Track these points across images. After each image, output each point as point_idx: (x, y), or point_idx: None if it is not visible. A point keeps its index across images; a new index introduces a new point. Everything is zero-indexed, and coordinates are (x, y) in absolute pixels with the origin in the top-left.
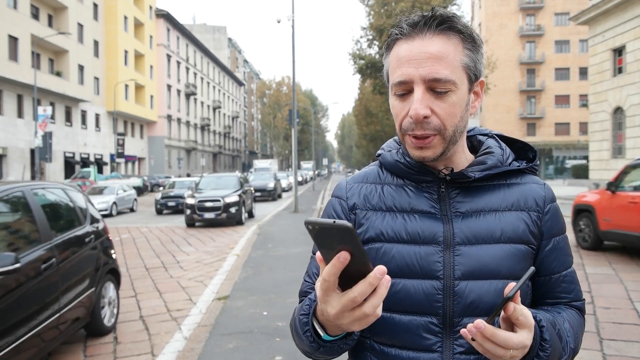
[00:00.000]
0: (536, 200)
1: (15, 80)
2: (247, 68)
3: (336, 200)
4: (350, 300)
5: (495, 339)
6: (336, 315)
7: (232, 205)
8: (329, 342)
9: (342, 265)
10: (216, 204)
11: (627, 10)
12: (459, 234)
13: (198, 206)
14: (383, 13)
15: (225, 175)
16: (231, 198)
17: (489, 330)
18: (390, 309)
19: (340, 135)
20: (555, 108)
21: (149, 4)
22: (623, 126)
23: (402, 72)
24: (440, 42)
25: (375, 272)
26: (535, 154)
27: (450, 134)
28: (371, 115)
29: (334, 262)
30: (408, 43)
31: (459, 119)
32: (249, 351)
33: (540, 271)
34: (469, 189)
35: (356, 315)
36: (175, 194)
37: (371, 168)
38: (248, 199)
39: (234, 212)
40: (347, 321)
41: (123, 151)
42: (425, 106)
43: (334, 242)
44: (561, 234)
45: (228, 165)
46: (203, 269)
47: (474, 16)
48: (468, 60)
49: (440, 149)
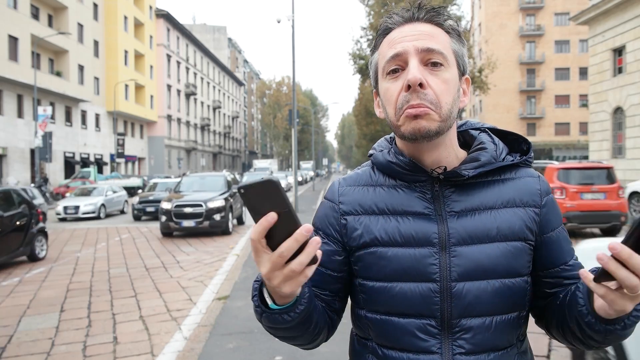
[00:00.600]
0: (532, 194)
1: (15, 80)
2: (247, 68)
3: (328, 204)
4: (278, 256)
5: (630, 261)
6: (267, 274)
7: (217, 211)
8: (270, 310)
9: (268, 224)
10: (197, 210)
11: (627, 10)
12: (454, 235)
13: (175, 212)
14: (383, 13)
15: (210, 175)
16: (215, 202)
17: (626, 252)
18: (388, 312)
19: (340, 135)
20: (555, 108)
21: (149, 4)
22: (623, 126)
23: (396, 46)
24: (430, 27)
25: (302, 230)
26: (529, 145)
27: (445, 113)
28: (371, 115)
29: (261, 222)
30: (399, 29)
31: (452, 100)
32: (249, 351)
33: (547, 264)
34: (463, 187)
35: (285, 273)
36: (155, 198)
37: (363, 169)
38: (237, 203)
39: (218, 219)
40: (277, 281)
41: (123, 151)
42: (421, 74)
43: (265, 203)
44: (560, 224)
45: (228, 165)
46: (203, 269)
47: (474, 16)
48: (456, 48)
49: (435, 125)
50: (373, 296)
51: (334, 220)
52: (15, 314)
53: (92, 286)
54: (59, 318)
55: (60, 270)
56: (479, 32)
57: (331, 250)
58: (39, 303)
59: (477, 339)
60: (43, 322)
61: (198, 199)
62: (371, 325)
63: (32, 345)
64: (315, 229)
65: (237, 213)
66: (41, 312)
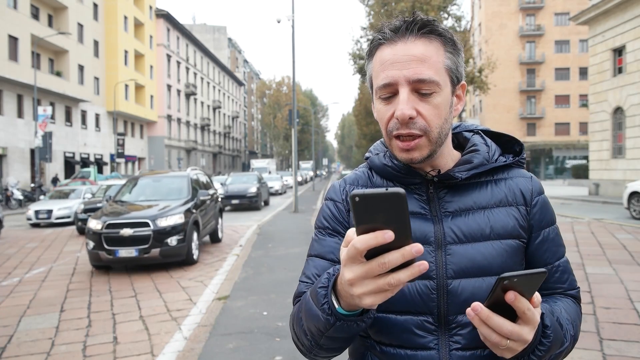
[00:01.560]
0: (524, 193)
1: (15, 80)
2: (247, 68)
3: (332, 203)
4: (379, 265)
5: (489, 322)
6: (354, 280)
7: (171, 231)
8: (344, 317)
9: (383, 241)
10: (140, 232)
11: (627, 10)
12: (449, 234)
13: (107, 235)
14: (383, 13)
15: (169, 176)
16: (169, 219)
17: (484, 313)
18: (386, 309)
19: (340, 135)
20: (555, 108)
21: (149, 4)
22: (623, 126)
23: (387, 74)
24: (423, 45)
25: (411, 249)
26: (521, 147)
27: (436, 136)
28: (371, 115)
29: (376, 235)
30: (391, 47)
31: (443, 121)
32: (249, 351)
33: (533, 264)
34: (457, 188)
35: (379, 283)
36: None
37: (361, 170)
38: (208, 215)
39: (174, 244)
40: (362, 290)
41: (123, 151)
42: (411, 107)
43: (380, 215)
44: (551, 225)
45: (228, 165)
46: (203, 269)
47: (474, 16)
48: (450, 63)
49: (427, 150)
50: None
51: (343, 218)
52: (15, 314)
53: (92, 286)
54: (59, 318)
55: (60, 270)
56: (479, 32)
57: None
58: (39, 303)
59: (472, 334)
60: (43, 322)
61: (142, 216)
62: (371, 323)
63: (32, 345)
64: (322, 228)
65: (264, 198)
66: (41, 312)
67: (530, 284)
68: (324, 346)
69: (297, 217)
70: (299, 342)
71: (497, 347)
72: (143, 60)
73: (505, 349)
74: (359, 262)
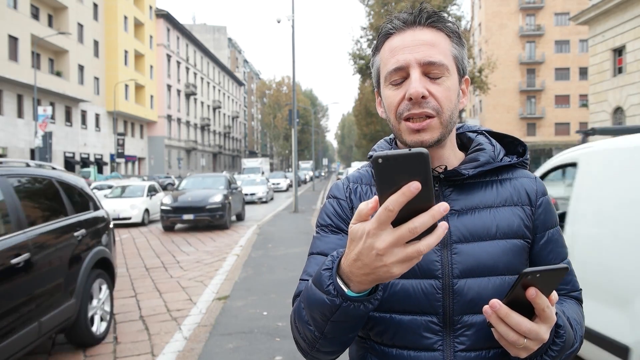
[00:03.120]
0: (529, 194)
1: (15, 80)
2: (247, 68)
3: (335, 201)
4: (409, 230)
5: (507, 319)
6: (385, 249)
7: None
8: (351, 298)
9: (412, 195)
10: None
11: (627, 10)
12: (455, 232)
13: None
14: (383, 13)
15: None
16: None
17: (503, 311)
18: (390, 309)
19: (340, 135)
20: (555, 108)
21: (149, 4)
22: None
23: (397, 58)
24: (431, 33)
25: (439, 207)
26: (524, 148)
27: (447, 119)
28: (371, 115)
29: (403, 191)
30: (400, 35)
31: (453, 106)
32: (249, 351)
33: (537, 265)
34: (463, 187)
35: (408, 251)
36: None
37: (364, 169)
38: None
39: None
40: (393, 259)
41: (123, 151)
42: (423, 86)
43: (402, 176)
44: (554, 226)
45: (228, 165)
46: (203, 269)
47: (474, 16)
48: (457, 53)
49: (438, 133)
50: None
51: (347, 215)
52: None
53: None
54: None
55: None
56: (479, 32)
57: None
58: None
59: (478, 335)
60: None
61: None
62: (372, 323)
63: None
64: (325, 226)
65: (236, 210)
66: None
67: (551, 280)
68: (328, 336)
69: (297, 217)
70: (300, 338)
71: (513, 346)
72: (143, 60)
73: (521, 347)
74: (388, 228)
